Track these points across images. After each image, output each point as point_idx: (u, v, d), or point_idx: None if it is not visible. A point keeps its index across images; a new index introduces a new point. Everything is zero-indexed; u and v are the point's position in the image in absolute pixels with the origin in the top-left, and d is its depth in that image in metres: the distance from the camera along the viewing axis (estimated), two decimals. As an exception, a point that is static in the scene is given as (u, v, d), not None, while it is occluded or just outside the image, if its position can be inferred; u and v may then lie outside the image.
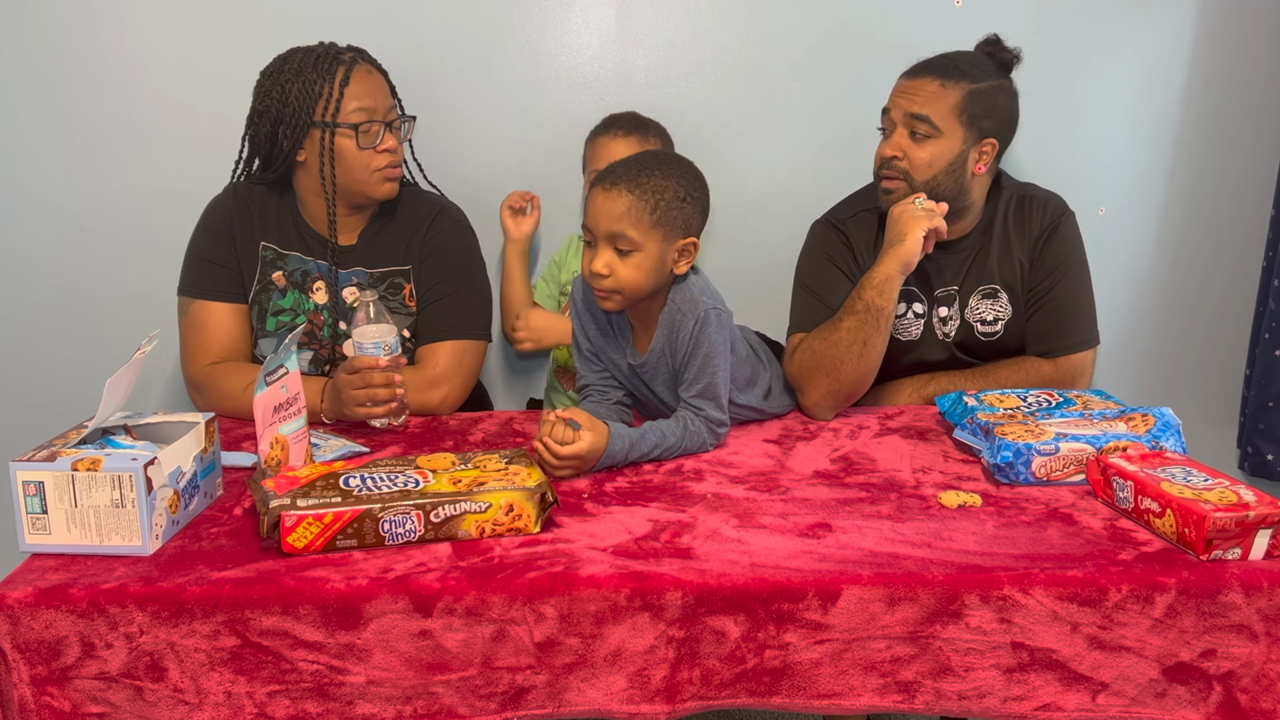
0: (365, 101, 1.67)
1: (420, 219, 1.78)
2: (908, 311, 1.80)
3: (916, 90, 1.69)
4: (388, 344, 1.56)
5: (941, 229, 1.63)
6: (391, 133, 1.70)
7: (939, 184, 1.69)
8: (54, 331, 2.14)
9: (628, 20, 2.08)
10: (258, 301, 1.76)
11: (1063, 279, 1.77)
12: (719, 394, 1.51)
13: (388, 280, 1.77)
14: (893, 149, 1.71)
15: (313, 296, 1.76)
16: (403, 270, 1.78)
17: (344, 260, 1.76)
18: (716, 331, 1.49)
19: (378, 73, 1.72)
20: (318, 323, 1.76)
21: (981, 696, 1.13)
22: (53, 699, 1.07)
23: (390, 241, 1.78)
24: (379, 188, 1.71)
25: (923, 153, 1.69)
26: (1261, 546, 1.15)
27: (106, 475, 1.13)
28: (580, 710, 1.11)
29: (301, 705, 1.09)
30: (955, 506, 1.31)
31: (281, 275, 1.76)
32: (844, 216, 1.82)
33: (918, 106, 1.68)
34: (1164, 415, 1.43)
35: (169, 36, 2.02)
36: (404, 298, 1.78)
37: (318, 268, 1.76)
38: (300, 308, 1.76)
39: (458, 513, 1.19)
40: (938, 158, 1.68)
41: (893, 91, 1.74)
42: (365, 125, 1.66)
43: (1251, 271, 2.24)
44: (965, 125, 1.68)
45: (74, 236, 2.09)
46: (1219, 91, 2.15)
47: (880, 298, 1.61)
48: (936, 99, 1.68)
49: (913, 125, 1.69)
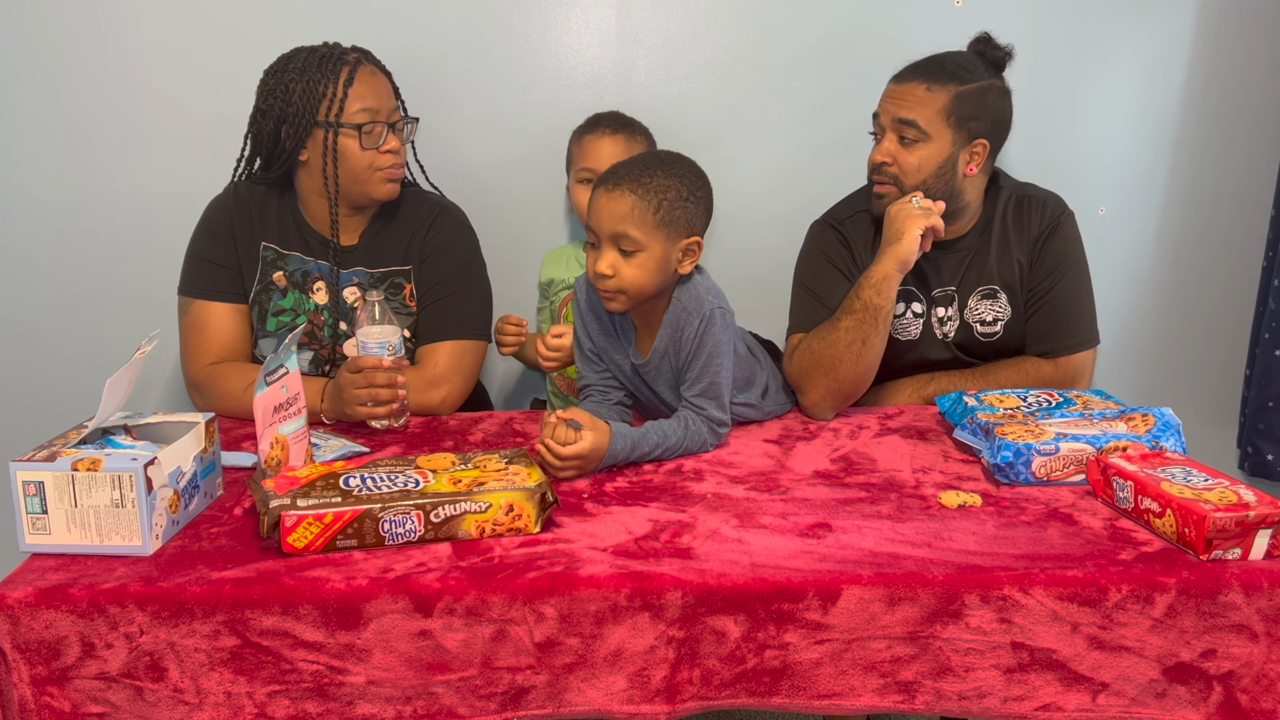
0: (369, 102, 1.67)
1: (421, 219, 1.78)
2: (906, 311, 1.80)
3: (904, 95, 1.69)
4: (391, 344, 1.56)
5: (938, 227, 1.64)
6: (394, 134, 1.70)
7: (930, 187, 1.69)
8: (54, 331, 2.14)
9: (628, 20, 2.08)
10: (258, 302, 1.76)
11: (1062, 279, 1.77)
12: (721, 394, 1.51)
13: (388, 280, 1.77)
14: (882, 155, 1.71)
15: (313, 297, 1.76)
16: (403, 270, 1.78)
17: (344, 260, 1.77)
18: (721, 331, 1.50)
19: (381, 74, 1.73)
20: (318, 323, 1.76)
21: (981, 697, 1.13)
22: (53, 699, 1.07)
23: (391, 241, 1.78)
24: (380, 188, 1.71)
25: (912, 157, 1.69)
26: (1261, 546, 1.15)
27: (106, 475, 1.13)
28: (580, 710, 1.11)
29: (301, 705, 1.09)
30: (955, 506, 1.31)
31: (282, 275, 1.76)
32: (842, 217, 1.82)
33: (905, 111, 1.68)
34: (1164, 415, 1.44)
35: (169, 36, 2.02)
36: (404, 298, 1.78)
37: (318, 268, 1.76)
38: (300, 308, 1.76)
39: (458, 513, 1.19)
40: (927, 161, 1.68)
41: (882, 96, 1.74)
42: (369, 126, 1.66)
43: (1251, 271, 2.24)
44: (954, 128, 1.68)
45: (74, 236, 2.09)
46: (1219, 91, 2.15)
47: (878, 297, 1.61)
48: (923, 103, 1.68)
49: (901, 130, 1.69)
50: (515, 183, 2.10)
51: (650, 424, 1.48)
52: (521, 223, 2.11)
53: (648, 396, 1.60)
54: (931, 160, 1.68)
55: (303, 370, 1.69)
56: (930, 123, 1.67)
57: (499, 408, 2.12)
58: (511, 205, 2.09)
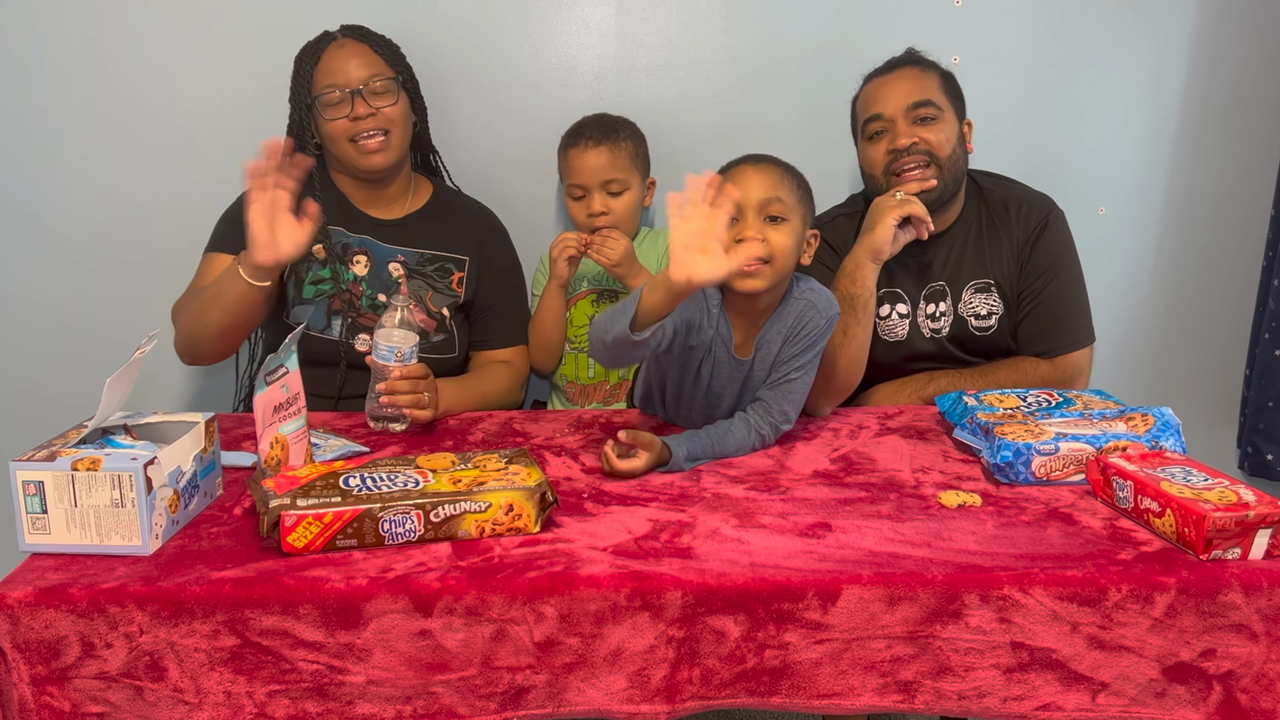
0: (330, 76, 1.73)
1: (476, 219, 1.92)
2: (891, 313, 1.81)
3: (902, 81, 1.70)
4: (402, 352, 1.56)
5: (919, 213, 1.63)
6: (364, 99, 1.72)
7: (955, 164, 1.70)
8: (54, 331, 2.14)
9: (628, 20, 2.08)
10: (295, 271, 1.80)
11: (1055, 278, 1.77)
12: (806, 395, 1.55)
13: (438, 263, 1.85)
14: (907, 136, 1.70)
15: (352, 268, 1.82)
16: (456, 259, 1.86)
17: (387, 236, 1.83)
18: (828, 338, 1.54)
19: (357, 42, 1.77)
20: (355, 293, 1.82)
21: (981, 696, 1.13)
22: (53, 699, 1.07)
23: (445, 228, 1.86)
24: (362, 158, 1.75)
25: (938, 134, 1.69)
26: (1261, 546, 1.15)
27: (106, 475, 1.13)
28: (580, 710, 1.11)
29: (301, 705, 1.09)
30: (955, 506, 1.31)
31: (322, 248, 1.80)
32: (820, 223, 1.82)
33: (916, 95, 1.69)
34: (1164, 415, 1.44)
35: (170, 38, 2.02)
36: (451, 282, 1.85)
37: (361, 242, 1.82)
38: (340, 278, 1.81)
39: (457, 512, 1.19)
40: (950, 136, 1.70)
41: (870, 98, 1.74)
42: (331, 96, 1.72)
43: (1251, 271, 2.24)
44: (952, 104, 1.71)
45: (75, 237, 2.09)
46: (1219, 91, 2.15)
47: (854, 285, 1.62)
48: (925, 83, 1.69)
49: (915, 113, 1.69)
50: (515, 183, 2.10)
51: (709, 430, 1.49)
52: (521, 223, 2.10)
53: (700, 400, 1.58)
54: (951, 135, 1.70)
55: (333, 335, 1.79)
56: (939, 99, 1.69)
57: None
58: (512, 205, 2.09)
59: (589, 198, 1.88)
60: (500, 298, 1.91)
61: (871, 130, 1.75)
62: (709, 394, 1.57)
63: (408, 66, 1.85)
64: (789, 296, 1.53)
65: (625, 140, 1.90)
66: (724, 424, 1.50)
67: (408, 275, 1.82)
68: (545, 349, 1.94)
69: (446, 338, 1.85)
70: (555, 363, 1.97)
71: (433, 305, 1.84)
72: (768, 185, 1.46)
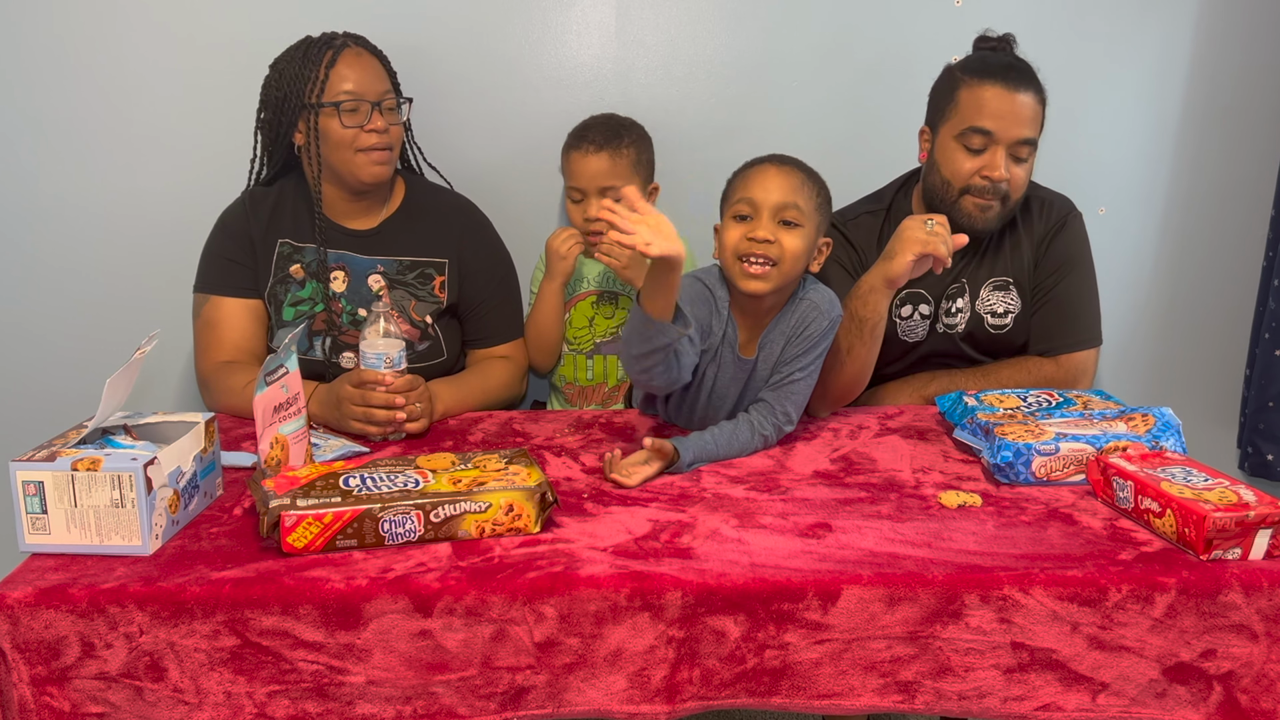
0: (350, 83, 1.69)
1: (453, 216, 1.85)
2: (914, 313, 1.80)
3: (1023, 110, 1.64)
4: (390, 358, 1.54)
5: (942, 256, 1.51)
6: (381, 114, 1.71)
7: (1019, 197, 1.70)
8: (54, 331, 2.13)
9: (628, 20, 2.08)
10: (274, 295, 1.77)
11: (1066, 277, 1.77)
12: (808, 395, 1.55)
13: (418, 269, 1.81)
14: (1003, 171, 1.65)
15: (332, 285, 1.79)
16: (436, 263, 1.82)
17: (365, 247, 1.79)
18: (830, 339, 1.54)
19: (371, 56, 1.75)
20: (336, 310, 1.79)
21: (981, 696, 1.13)
22: (53, 699, 1.07)
23: (420, 231, 1.81)
24: (366, 170, 1.72)
25: (1023, 172, 1.69)
26: (1261, 546, 1.15)
27: (106, 475, 1.13)
28: (580, 710, 1.11)
29: (301, 705, 1.09)
30: (955, 506, 1.31)
31: (300, 268, 1.78)
32: (845, 219, 1.82)
33: (1028, 130, 1.66)
34: (1164, 415, 1.44)
35: (168, 36, 2.02)
36: (434, 288, 1.81)
37: (336, 257, 1.79)
38: (319, 296, 1.78)
39: (457, 513, 1.19)
40: (1029, 174, 1.69)
41: (988, 106, 1.64)
42: (350, 104, 1.68)
43: (1251, 271, 2.24)
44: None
45: (74, 236, 2.09)
46: (1219, 91, 2.15)
47: (864, 308, 1.57)
48: (1036, 119, 1.67)
49: (1018, 150, 1.67)
50: (515, 183, 2.10)
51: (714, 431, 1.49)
52: (521, 223, 2.10)
53: (703, 401, 1.58)
54: (1031, 173, 1.69)
55: (319, 355, 1.76)
56: (1037, 137, 1.67)
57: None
58: (511, 205, 2.09)
59: (587, 202, 1.88)
60: (489, 294, 1.87)
61: (974, 143, 1.67)
62: (712, 395, 1.57)
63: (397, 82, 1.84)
64: (794, 298, 1.54)
65: (628, 147, 1.88)
66: (728, 425, 1.50)
67: (389, 286, 1.79)
68: (543, 347, 1.94)
69: (432, 344, 1.82)
70: (553, 362, 1.97)
71: (416, 315, 1.80)
72: (788, 189, 1.46)
